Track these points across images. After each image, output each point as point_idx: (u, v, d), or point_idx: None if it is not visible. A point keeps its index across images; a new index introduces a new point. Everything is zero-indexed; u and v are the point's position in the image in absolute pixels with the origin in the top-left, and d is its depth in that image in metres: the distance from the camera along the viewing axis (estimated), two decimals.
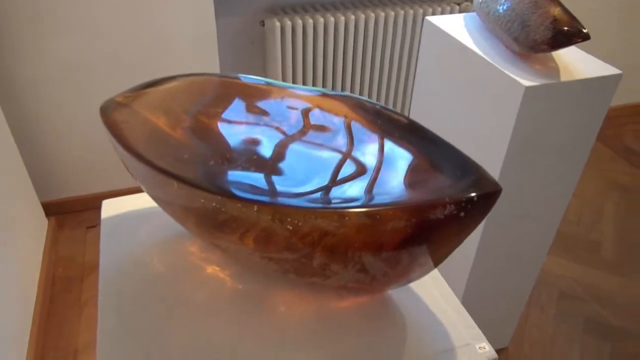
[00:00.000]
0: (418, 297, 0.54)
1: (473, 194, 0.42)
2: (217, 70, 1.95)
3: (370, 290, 0.52)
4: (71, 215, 2.07)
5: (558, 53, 1.29)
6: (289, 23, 1.94)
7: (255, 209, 0.41)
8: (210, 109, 0.58)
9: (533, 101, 1.16)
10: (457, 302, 0.53)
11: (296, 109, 0.57)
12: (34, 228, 1.80)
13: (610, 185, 2.41)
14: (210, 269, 0.56)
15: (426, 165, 0.48)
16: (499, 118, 1.23)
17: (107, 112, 0.54)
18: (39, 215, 1.88)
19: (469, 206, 0.43)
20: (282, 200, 0.43)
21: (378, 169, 0.50)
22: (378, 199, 0.45)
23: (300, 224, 0.40)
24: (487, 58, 1.24)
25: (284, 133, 0.56)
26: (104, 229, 0.61)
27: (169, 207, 0.50)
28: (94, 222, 2.04)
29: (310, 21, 1.97)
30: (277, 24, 1.94)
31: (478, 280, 1.49)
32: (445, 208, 0.42)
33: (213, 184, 0.44)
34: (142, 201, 0.67)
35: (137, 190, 2.10)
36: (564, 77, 1.17)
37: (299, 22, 1.96)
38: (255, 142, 0.53)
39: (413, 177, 0.48)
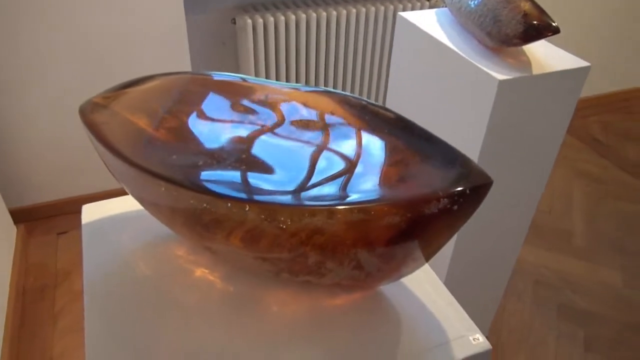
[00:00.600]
0: (410, 292, 0.54)
1: (465, 187, 0.43)
2: (188, 70, 1.92)
3: (363, 287, 0.52)
4: (41, 221, 2.01)
5: (529, 47, 1.32)
6: (260, 20, 1.93)
7: (247, 209, 0.40)
8: (193, 108, 0.56)
9: (507, 94, 1.18)
10: (449, 295, 0.53)
11: (281, 106, 0.57)
12: (2, 236, 1.74)
13: (578, 175, 2.48)
14: (199, 272, 0.55)
15: (416, 159, 0.49)
16: (473, 112, 1.25)
17: (86, 113, 0.52)
18: (7, 223, 1.82)
19: (461, 199, 0.43)
20: (276, 199, 0.43)
21: (367, 164, 0.50)
22: (370, 195, 0.45)
23: (294, 222, 0.40)
24: (460, 53, 1.25)
25: (270, 131, 0.56)
26: (85, 235, 0.59)
27: (156, 210, 0.48)
28: (65, 228, 1.99)
29: (282, 18, 1.96)
30: (249, 21, 1.92)
31: (457, 272, 1.51)
32: (439, 202, 0.42)
33: (204, 185, 0.43)
34: (123, 205, 0.65)
35: (111, 193, 2.05)
36: (536, 71, 1.20)
37: (271, 19, 1.94)
38: (243, 141, 0.52)
39: (403, 171, 0.48)
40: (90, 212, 0.63)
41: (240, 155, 0.49)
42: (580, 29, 2.72)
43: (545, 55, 1.28)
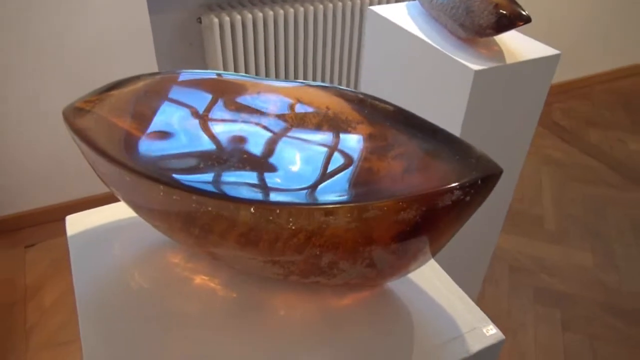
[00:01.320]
0: (417, 287, 0.53)
1: (477, 177, 0.42)
2: (154, 70, 1.86)
3: (372, 285, 0.51)
4: (6, 234, 1.91)
5: (500, 37, 1.34)
6: (227, 19, 1.89)
7: (261, 212, 0.39)
8: (184, 109, 0.54)
9: (482, 84, 1.19)
10: (456, 288, 0.53)
11: (276, 103, 0.55)
12: None
13: (545, 161, 2.55)
14: (199, 279, 0.53)
15: (421, 151, 0.48)
16: (450, 103, 1.25)
17: (71, 119, 0.49)
18: None
19: (473, 190, 0.42)
20: (289, 199, 0.41)
21: (372, 158, 0.49)
22: (381, 191, 0.44)
23: (310, 223, 0.38)
24: (435, 45, 1.26)
25: (267, 129, 0.54)
26: (72, 248, 0.56)
27: (154, 216, 0.46)
28: (32, 241, 1.90)
29: (249, 16, 1.92)
30: (215, 20, 1.88)
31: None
32: (453, 194, 0.41)
33: (212, 188, 0.40)
34: (110, 213, 0.62)
35: (80, 202, 1.97)
36: (509, 60, 1.21)
37: (238, 17, 1.91)
38: (241, 140, 0.50)
39: (410, 164, 0.47)
40: (76, 223, 0.59)
41: (242, 156, 0.47)
42: (540, 17, 2.79)
43: (516, 44, 1.29)
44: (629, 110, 3.01)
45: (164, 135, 0.49)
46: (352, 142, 0.52)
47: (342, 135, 0.52)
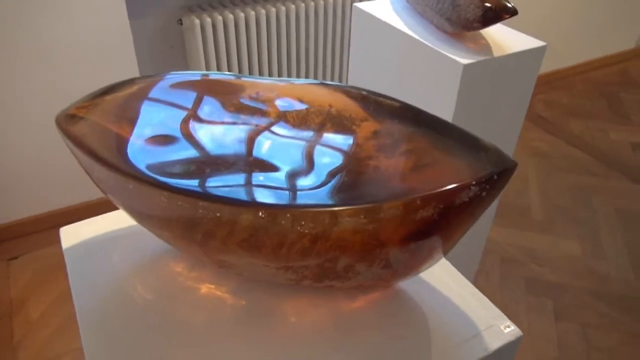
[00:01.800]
0: (430, 286, 0.52)
1: (493, 172, 0.41)
2: (136, 74, 1.82)
3: (385, 286, 0.50)
4: None
5: (486, 31, 1.34)
6: (208, 19, 1.86)
7: (277, 217, 0.37)
8: (182, 112, 0.52)
9: (471, 78, 1.19)
10: (470, 285, 0.52)
11: (277, 102, 0.53)
12: None
13: (529, 152, 2.57)
14: (205, 288, 0.51)
15: (431, 147, 0.46)
16: (439, 98, 1.25)
17: (65, 126, 0.47)
18: None
19: (489, 185, 0.41)
20: (304, 203, 0.40)
21: (382, 157, 0.48)
22: (398, 189, 0.43)
23: (329, 226, 0.36)
24: (422, 40, 1.25)
25: (269, 130, 0.52)
26: (69, 262, 0.53)
27: (157, 224, 0.44)
28: (15, 253, 1.85)
29: (231, 16, 1.90)
30: (196, 21, 1.85)
31: None
32: (470, 190, 0.40)
33: (226, 194, 0.39)
34: (104, 224, 0.60)
35: (64, 212, 1.92)
36: (496, 53, 1.21)
37: (219, 17, 1.88)
38: (245, 142, 0.48)
39: (419, 161, 0.46)
40: (71, 235, 0.57)
41: (248, 159, 0.45)
42: (522, 9, 2.81)
43: (502, 37, 1.30)
44: (608, 101, 3.06)
45: (164, 139, 0.47)
46: (358, 139, 0.51)
47: (347, 133, 0.51)
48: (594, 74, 3.33)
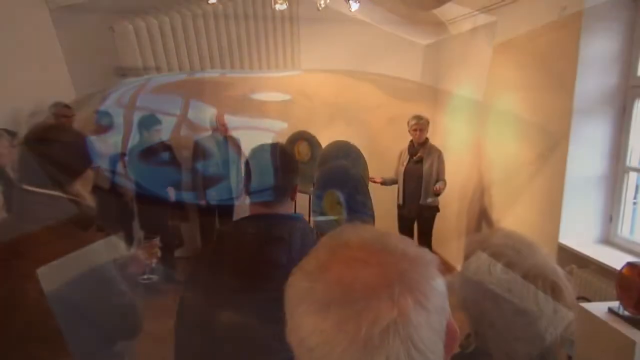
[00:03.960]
0: None
1: None
2: (70, 88, 1.66)
3: None
4: None
5: (438, 11, 1.33)
6: (142, 24, 1.75)
7: None
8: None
9: (432, 57, 1.17)
10: None
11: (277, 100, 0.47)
12: None
13: None
14: None
15: None
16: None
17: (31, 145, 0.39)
18: None
19: None
20: None
21: None
22: None
23: None
24: (379, 25, 1.22)
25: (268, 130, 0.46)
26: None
27: None
28: None
29: (166, 18, 1.79)
30: (130, 27, 1.73)
31: None
32: None
33: None
34: (79, 261, 0.52)
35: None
36: (454, 31, 1.20)
37: (154, 21, 1.77)
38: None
39: None
40: (48, 277, 0.49)
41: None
42: None
43: (456, 16, 1.29)
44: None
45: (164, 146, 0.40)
46: None
47: None
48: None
